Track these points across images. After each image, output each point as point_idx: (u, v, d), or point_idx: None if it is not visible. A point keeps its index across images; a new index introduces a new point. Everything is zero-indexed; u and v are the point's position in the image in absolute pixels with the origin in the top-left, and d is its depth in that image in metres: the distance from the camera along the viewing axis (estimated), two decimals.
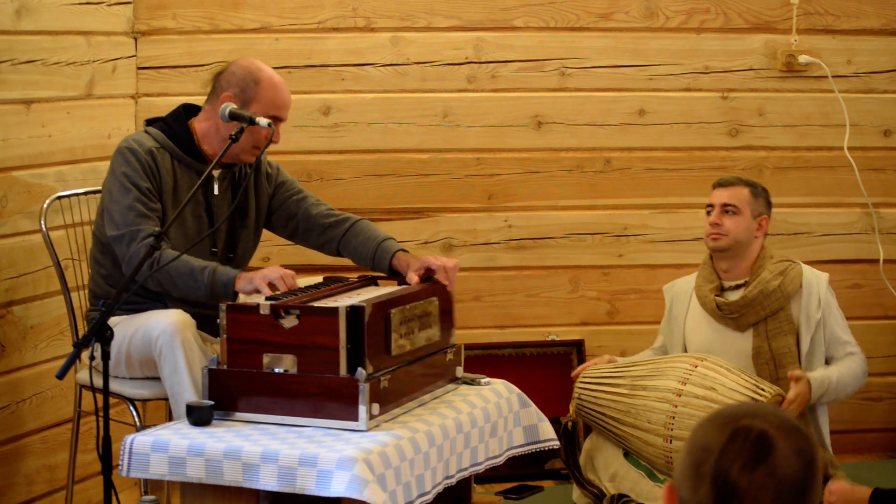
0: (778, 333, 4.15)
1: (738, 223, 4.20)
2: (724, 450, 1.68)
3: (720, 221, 4.20)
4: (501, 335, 4.84)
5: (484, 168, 4.80)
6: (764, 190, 4.28)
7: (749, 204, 4.21)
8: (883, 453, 4.97)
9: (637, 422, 4.01)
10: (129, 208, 3.60)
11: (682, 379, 3.97)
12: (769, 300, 4.15)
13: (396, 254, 3.76)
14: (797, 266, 4.23)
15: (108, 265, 3.75)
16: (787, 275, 4.18)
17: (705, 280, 4.27)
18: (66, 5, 4.14)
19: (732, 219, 4.20)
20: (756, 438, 1.68)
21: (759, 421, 1.70)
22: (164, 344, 3.48)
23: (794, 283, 4.18)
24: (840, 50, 4.85)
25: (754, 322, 4.17)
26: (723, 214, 4.21)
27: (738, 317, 4.17)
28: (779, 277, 4.17)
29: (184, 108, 3.83)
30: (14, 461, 3.99)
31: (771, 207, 4.29)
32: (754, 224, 4.22)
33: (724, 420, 1.71)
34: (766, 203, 4.26)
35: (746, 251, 4.22)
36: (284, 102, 3.77)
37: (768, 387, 3.96)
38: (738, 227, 4.19)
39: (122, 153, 3.68)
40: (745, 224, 4.20)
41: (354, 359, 3.20)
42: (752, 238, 4.22)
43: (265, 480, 3.04)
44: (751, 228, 4.21)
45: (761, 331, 4.17)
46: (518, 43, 4.75)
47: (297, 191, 3.94)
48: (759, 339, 4.16)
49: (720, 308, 4.18)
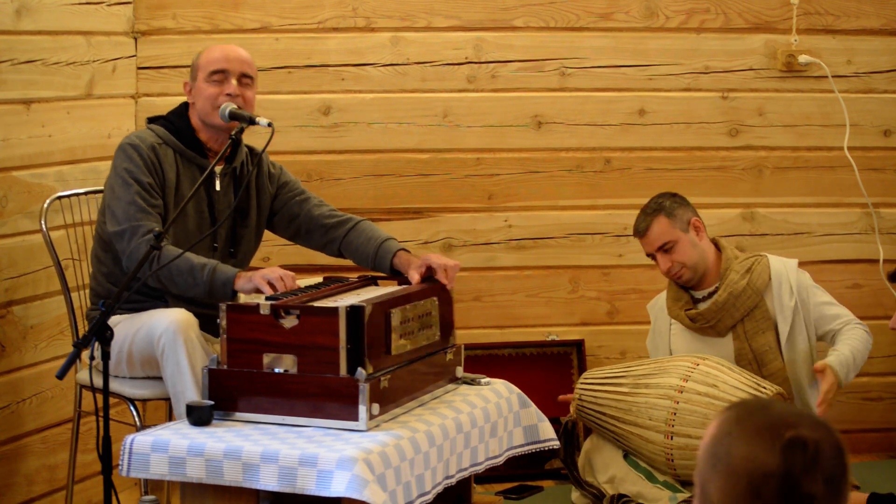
0: (756, 333, 4.15)
1: (683, 249, 4.16)
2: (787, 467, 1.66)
3: (670, 262, 4.16)
4: (501, 335, 4.84)
5: (484, 168, 4.80)
6: (674, 199, 4.21)
7: (673, 227, 4.16)
8: (883, 453, 4.97)
9: (638, 419, 4.02)
10: (130, 203, 3.61)
11: (683, 376, 3.97)
12: (740, 300, 4.14)
13: (398, 253, 3.77)
14: (763, 259, 4.21)
15: (109, 263, 3.75)
16: (754, 271, 4.17)
17: (673, 300, 4.26)
18: (66, 5, 4.14)
19: (675, 251, 4.16)
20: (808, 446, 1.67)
21: (802, 428, 1.68)
22: (166, 343, 3.48)
23: (761, 277, 4.17)
24: (840, 50, 4.85)
25: (732, 325, 4.17)
26: (665, 255, 4.16)
27: (715, 323, 4.17)
28: (746, 276, 4.16)
29: (185, 105, 3.84)
30: (14, 461, 3.99)
31: (690, 204, 4.24)
32: (692, 235, 4.18)
33: (768, 435, 1.68)
34: (685, 208, 4.21)
35: (706, 262, 4.21)
36: (223, 56, 3.78)
37: (769, 385, 3.96)
38: (686, 252, 4.16)
39: (124, 149, 3.69)
40: (687, 244, 4.17)
41: (354, 359, 3.20)
42: (701, 247, 4.19)
43: (265, 480, 3.04)
44: (694, 242, 4.18)
45: (740, 332, 4.17)
46: (518, 43, 4.76)
47: (299, 192, 3.95)
48: (738, 341, 4.16)
49: (693, 320, 4.18)
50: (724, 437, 1.72)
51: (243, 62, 3.80)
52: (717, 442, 1.73)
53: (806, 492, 1.66)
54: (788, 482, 1.66)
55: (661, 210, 4.19)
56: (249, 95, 3.79)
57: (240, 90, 3.76)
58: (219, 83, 3.75)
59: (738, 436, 1.70)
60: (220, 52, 3.80)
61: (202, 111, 3.76)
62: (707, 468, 1.73)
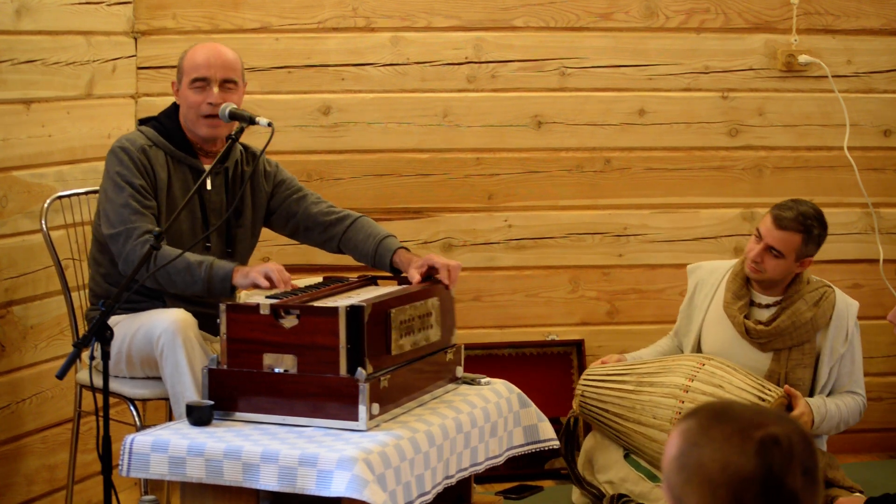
0: (797, 365, 4.07)
1: (779, 266, 4.04)
2: (765, 468, 1.65)
3: (761, 259, 4.04)
4: (501, 335, 4.84)
5: (484, 168, 4.80)
6: (821, 230, 4.07)
7: (796, 251, 4.04)
8: (883, 453, 4.97)
9: (642, 417, 4.01)
10: (123, 206, 3.61)
11: (689, 376, 3.96)
12: (799, 332, 4.06)
13: (397, 251, 3.77)
14: (832, 294, 4.11)
15: (107, 264, 3.76)
16: (821, 306, 4.08)
17: (734, 296, 4.13)
18: (66, 5, 4.14)
19: (774, 261, 4.04)
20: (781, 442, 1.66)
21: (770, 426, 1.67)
22: (165, 343, 3.48)
23: (825, 315, 4.08)
24: (840, 50, 4.85)
25: (779, 348, 4.09)
26: (766, 252, 4.03)
27: (766, 343, 4.09)
28: (813, 309, 4.07)
29: (176, 105, 3.84)
30: (14, 461, 3.99)
31: (821, 245, 4.11)
32: (796, 265, 4.07)
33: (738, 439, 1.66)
34: (816, 246, 4.08)
35: (780, 282, 4.11)
36: (203, 62, 3.73)
37: (773, 388, 3.95)
38: (778, 269, 4.05)
39: (114, 153, 3.69)
40: (786, 267, 4.05)
41: (354, 359, 3.20)
42: (790, 275, 4.10)
43: (265, 480, 3.04)
44: (791, 269, 4.07)
45: (782, 358, 4.08)
46: (518, 43, 4.75)
47: (296, 189, 3.94)
48: (777, 364, 4.08)
49: (749, 332, 4.08)
50: (692, 447, 1.69)
51: (225, 67, 3.74)
52: (684, 454, 1.70)
53: (789, 487, 1.65)
54: (770, 482, 1.65)
55: (807, 232, 4.03)
56: (234, 99, 3.74)
57: (221, 97, 3.72)
58: (200, 90, 3.72)
59: (707, 444, 1.68)
60: (202, 56, 3.74)
61: (186, 117, 3.76)
62: (680, 482, 1.70)
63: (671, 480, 1.71)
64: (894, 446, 5.00)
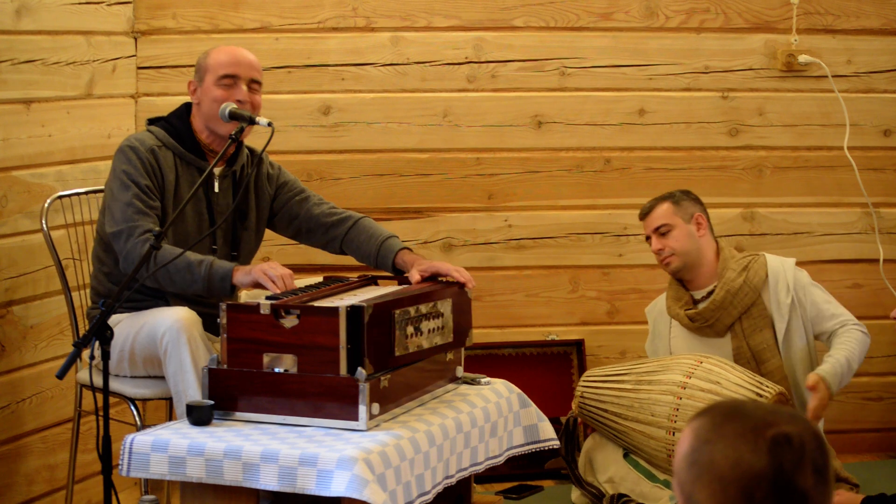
0: (754, 331, 4.15)
1: (678, 236, 4.20)
2: (776, 466, 1.65)
3: (662, 245, 4.21)
4: (501, 335, 4.84)
5: (484, 168, 4.80)
6: (685, 193, 4.28)
7: (675, 214, 4.21)
8: (882, 453, 4.97)
9: (640, 415, 4.02)
10: (127, 205, 3.61)
11: (687, 373, 3.98)
12: (738, 298, 4.15)
13: (400, 252, 3.77)
14: (761, 257, 4.22)
15: (110, 263, 3.76)
16: (750, 269, 4.18)
17: (674, 300, 4.28)
18: (66, 5, 4.14)
19: (670, 236, 4.20)
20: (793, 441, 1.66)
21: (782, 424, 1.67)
22: (169, 341, 3.48)
23: (758, 274, 4.17)
24: (840, 50, 4.85)
25: (730, 324, 4.17)
26: (660, 238, 4.21)
27: (714, 322, 4.17)
28: (742, 273, 4.17)
29: (186, 106, 3.84)
30: (14, 461, 3.99)
31: (702, 203, 4.28)
32: (692, 227, 4.21)
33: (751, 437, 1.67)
34: (693, 202, 4.26)
35: (701, 257, 4.22)
36: (235, 60, 3.75)
37: (770, 385, 3.96)
38: (680, 240, 4.20)
39: (123, 151, 3.69)
40: (684, 233, 4.20)
41: (354, 359, 3.20)
42: (698, 243, 4.21)
43: (265, 480, 3.04)
44: (692, 234, 4.21)
45: (738, 331, 4.17)
46: (518, 43, 4.76)
47: (299, 191, 3.95)
48: (737, 339, 4.17)
49: (692, 320, 4.19)
50: (704, 445, 1.69)
51: (252, 67, 3.78)
52: (696, 451, 1.70)
53: (799, 486, 1.65)
54: (781, 480, 1.65)
55: (669, 198, 4.26)
56: (258, 100, 3.78)
57: (249, 96, 3.75)
58: (228, 87, 3.73)
59: (719, 442, 1.68)
60: (230, 55, 3.77)
61: (208, 114, 3.75)
62: (690, 479, 1.70)
63: (682, 477, 1.71)
64: (894, 446, 5.00)
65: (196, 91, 3.78)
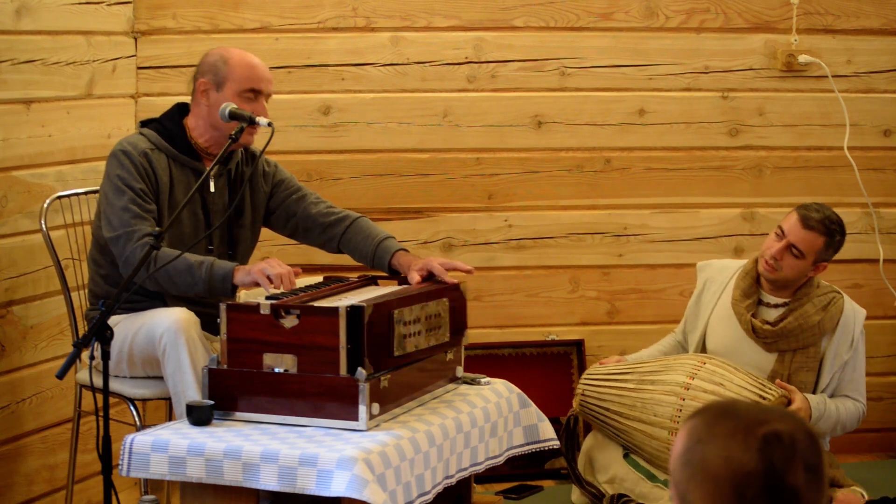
0: (801, 368, 4.07)
1: (796, 266, 4.05)
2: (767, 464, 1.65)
3: (780, 257, 4.04)
4: (501, 335, 4.84)
5: (484, 168, 4.80)
6: (840, 241, 4.07)
7: (816, 253, 4.04)
8: (882, 453, 4.97)
9: (642, 415, 4.01)
10: (124, 210, 3.61)
11: (690, 374, 3.97)
12: (805, 335, 4.06)
13: (396, 253, 3.77)
14: (840, 300, 4.11)
15: (106, 265, 3.75)
16: (829, 311, 4.08)
17: (743, 294, 4.13)
18: (66, 5, 4.14)
19: (793, 261, 4.04)
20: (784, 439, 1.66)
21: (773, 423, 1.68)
22: (168, 342, 3.48)
23: (833, 320, 4.08)
24: (840, 50, 4.85)
25: (784, 349, 4.09)
26: (786, 251, 4.03)
27: (771, 343, 4.09)
28: (820, 313, 4.07)
29: (178, 107, 3.83)
30: (14, 461, 3.99)
31: (837, 253, 4.12)
32: (811, 268, 4.08)
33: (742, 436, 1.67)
34: (834, 252, 4.09)
35: (791, 284, 4.11)
36: (260, 75, 3.77)
37: (773, 387, 3.95)
38: (794, 269, 4.05)
39: (115, 156, 3.69)
40: (803, 268, 4.05)
41: (354, 359, 3.20)
42: (803, 277, 4.10)
43: (265, 480, 3.04)
44: (806, 271, 4.07)
45: (786, 360, 4.08)
46: (518, 43, 4.76)
47: (295, 189, 3.94)
48: (781, 366, 4.08)
49: (755, 331, 4.08)
50: (696, 444, 1.70)
51: (271, 83, 3.82)
52: (689, 450, 1.71)
53: (790, 484, 1.66)
54: (772, 478, 1.66)
55: (830, 236, 4.04)
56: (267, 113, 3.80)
57: (266, 110, 3.78)
58: (250, 101, 3.73)
59: (711, 441, 1.69)
60: (254, 70, 3.76)
61: (222, 123, 3.73)
62: (684, 478, 1.71)
63: (676, 477, 1.72)
64: (894, 446, 5.00)
65: (208, 93, 3.75)
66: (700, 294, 4.28)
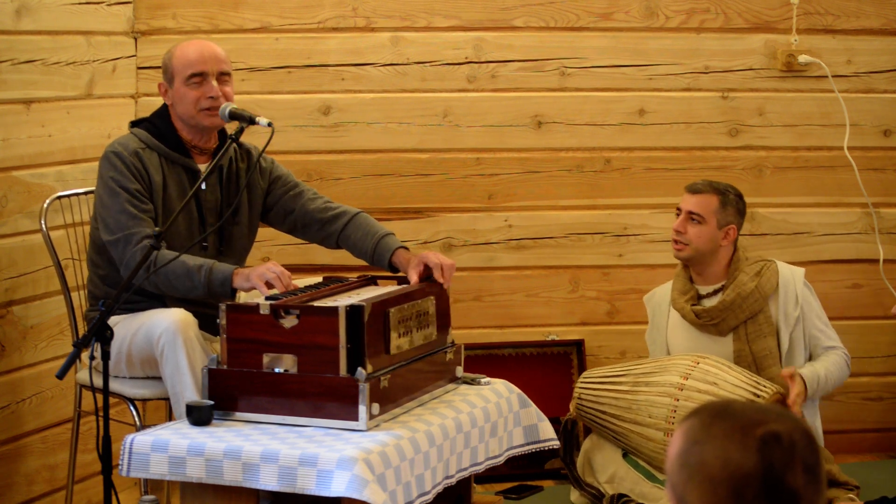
0: (758, 336, 4.13)
1: (701, 233, 4.14)
2: (766, 464, 1.65)
3: (683, 229, 4.15)
4: (501, 335, 4.84)
5: (484, 168, 4.80)
6: (737, 197, 4.19)
7: (715, 213, 4.14)
8: (882, 453, 4.97)
9: (638, 417, 4.02)
10: (120, 212, 3.61)
11: (684, 374, 3.97)
12: (747, 303, 4.12)
13: (396, 251, 3.76)
14: (773, 265, 4.19)
15: (105, 266, 3.75)
16: (763, 275, 4.15)
17: (679, 292, 4.24)
18: (66, 5, 4.14)
19: (696, 228, 4.14)
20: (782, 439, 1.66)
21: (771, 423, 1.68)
22: (166, 343, 3.48)
23: (770, 282, 4.15)
24: (840, 50, 4.85)
25: (734, 326, 4.15)
26: (687, 222, 4.15)
27: (718, 322, 4.15)
28: (755, 279, 4.14)
29: (167, 106, 3.83)
30: (14, 461, 3.99)
31: (744, 215, 4.22)
32: (720, 234, 4.15)
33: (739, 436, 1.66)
34: (736, 212, 4.18)
35: (714, 258, 4.18)
36: (198, 58, 3.73)
37: (768, 384, 3.96)
38: (701, 238, 4.14)
39: (107, 158, 3.69)
40: (709, 234, 4.14)
41: (354, 359, 3.20)
42: (717, 247, 4.16)
43: (265, 480, 3.04)
44: (715, 238, 4.15)
45: (741, 334, 4.15)
46: (518, 43, 4.75)
47: (292, 185, 3.94)
48: (739, 342, 4.15)
49: (698, 316, 4.17)
50: (694, 445, 1.70)
51: (218, 59, 3.76)
52: (686, 452, 1.70)
53: (790, 485, 1.65)
54: (771, 479, 1.65)
55: (722, 194, 4.17)
56: (229, 91, 3.76)
57: (220, 89, 3.74)
58: (198, 85, 3.72)
59: (709, 442, 1.68)
60: (195, 52, 3.74)
61: (185, 115, 3.74)
62: (681, 480, 1.70)
63: (673, 479, 1.71)
64: (894, 446, 5.00)
65: (167, 93, 3.78)
66: (652, 321, 4.37)
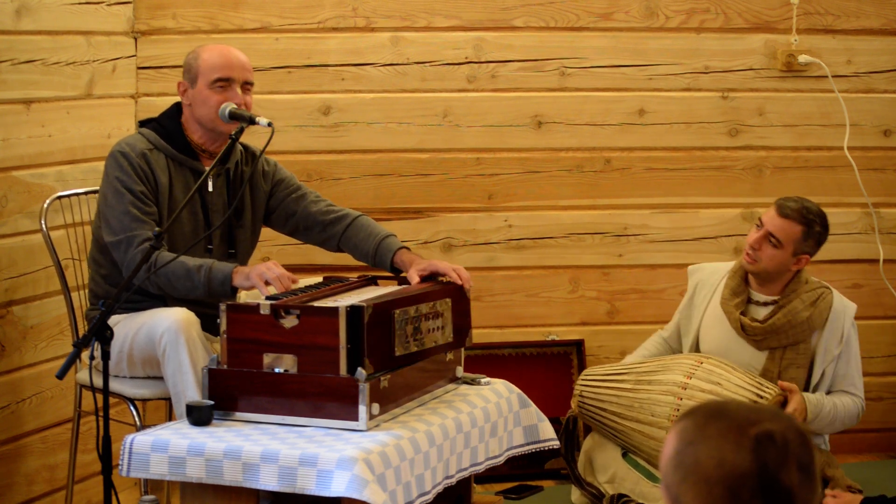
0: (791, 365, 4.07)
1: (775, 256, 4.05)
2: (761, 464, 1.65)
3: (759, 247, 4.05)
4: (501, 335, 4.84)
5: (484, 168, 4.80)
6: (822, 229, 4.08)
7: (795, 242, 4.04)
8: (882, 453, 4.97)
9: (640, 415, 4.01)
10: (124, 213, 3.61)
11: (687, 373, 3.97)
12: (795, 330, 4.06)
13: (398, 252, 3.77)
14: (829, 295, 4.11)
15: (107, 265, 3.75)
16: (818, 306, 4.08)
17: (732, 293, 4.14)
18: (66, 5, 4.14)
19: (771, 250, 4.05)
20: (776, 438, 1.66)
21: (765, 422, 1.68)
22: (168, 342, 3.48)
23: (822, 315, 4.08)
24: (840, 50, 4.85)
25: (774, 346, 4.09)
26: (765, 240, 4.05)
27: (761, 340, 4.10)
28: (809, 308, 4.07)
29: (177, 106, 3.83)
30: (14, 461, 3.99)
31: (821, 245, 4.11)
32: (792, 260, 4.07)
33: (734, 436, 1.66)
34: (815, 243, 4.08)
35: (777, 276, 4.11)
36: (228, 63, 3.73)
37: (771, 386, 3.95)
38: (774, 260, 4.05)
39: (114, 157, 3.69)
40: (782, 259, 4.05)
41: (354, 359, 3.20)
42: (785, 270, 4.09)
43: (265, 480, 3.04)
44: (787, 263, 4.07)
45: (777, 357, 4.08)
46: (518, 43, 4.76)
47: (295, 188, 3.94)
48: (772, 363, 4.08)
49: (744, 329, 4.09)
50: (688, 446, 1.70)
51: (245, 69, 3.77)
52: (681, 452, 1.71)
53: (784, 484, 1.65)
54: (765, 478, 1.65)
55: (808, 225, 4.05)
56: (250, 101, 3.78)
57: (243, 98, 3.75)
58: (223, 90, 3.72)
59: (703, 442, 1.68)
60: (222, 57, 3.74)
61: (205, 118, 3.73)
62: (676, 481, 1.71)
63: (668, 480, 1.71)
64: (894, 446, 5.00)
65: (186, 92, 3.77)
66: (691, 297, 4.29)
